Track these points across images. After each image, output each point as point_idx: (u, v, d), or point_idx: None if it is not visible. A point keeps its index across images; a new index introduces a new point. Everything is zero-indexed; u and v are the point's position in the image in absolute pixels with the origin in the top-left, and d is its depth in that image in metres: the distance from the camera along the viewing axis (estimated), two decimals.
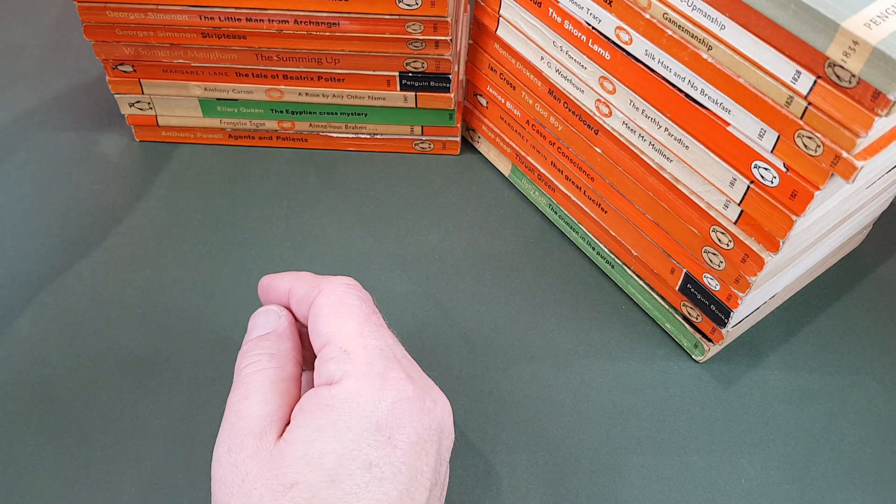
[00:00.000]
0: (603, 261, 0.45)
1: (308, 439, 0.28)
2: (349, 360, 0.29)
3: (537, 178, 0.46)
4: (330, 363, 0.29)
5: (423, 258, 0.45)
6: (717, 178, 0.35)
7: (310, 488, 0.27)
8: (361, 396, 0.28)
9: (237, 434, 0.28)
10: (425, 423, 0.29)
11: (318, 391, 0.29)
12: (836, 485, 0.38)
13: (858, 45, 0.27)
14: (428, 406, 0.29)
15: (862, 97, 0.28)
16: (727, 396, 0.40)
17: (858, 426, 0.40)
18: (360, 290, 0.32)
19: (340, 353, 0.29)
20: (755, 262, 0.35)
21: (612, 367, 0.41)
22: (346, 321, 0.30)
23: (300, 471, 0.27)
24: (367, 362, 0.29)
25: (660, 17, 0.33)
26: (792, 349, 0.42)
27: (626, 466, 0.38)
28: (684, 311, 0.41)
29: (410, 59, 0.44)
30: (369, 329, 0.30)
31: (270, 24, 0.43)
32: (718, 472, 0.38)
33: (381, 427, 0.28)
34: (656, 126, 0.37)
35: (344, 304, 0.31)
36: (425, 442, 0.29)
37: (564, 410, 0.40)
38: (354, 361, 0.29)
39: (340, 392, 0.28)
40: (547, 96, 0.42)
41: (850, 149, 0.29)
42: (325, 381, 0.29)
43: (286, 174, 0.49)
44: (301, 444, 0.28)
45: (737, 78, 0.32)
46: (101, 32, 0.44)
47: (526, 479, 0.37)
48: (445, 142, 0.50)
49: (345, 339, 0.30)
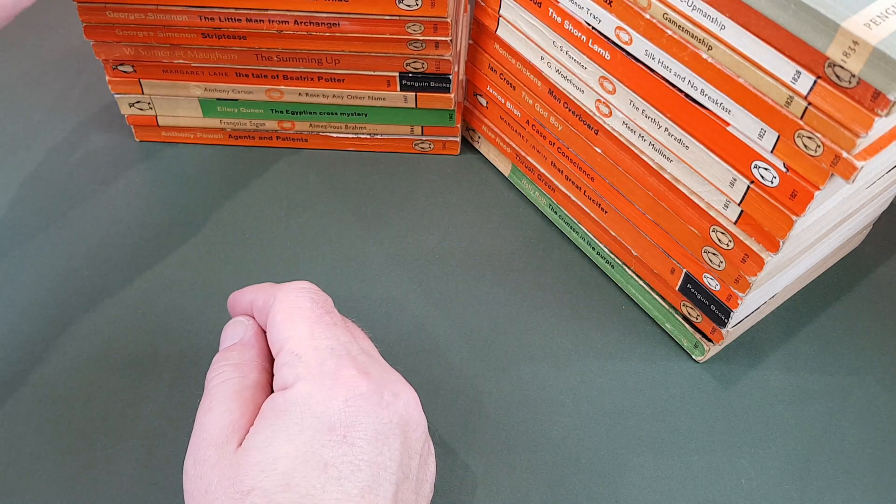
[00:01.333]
0: (603, 261, 0.45)
1: (262, 445, 0.28)
2: (301, 363, 0.29)
3: (537, 178, 0.46)
4: (284, 368, 0.29)
5: (423, 258, 0.45)
6: (717, 178, 0.35)
7: (265, 493, 0.27)
8: (312, 398, 0.28)
9: (201, 446, 0.29)
10: (384, 418, 0.29)
11: (274, 397, 0.29)
12: (836, 485, 0.38)
13: (858, 45, 0.27)
14: (387, 400, 0.29)
15: (862, 97, 0.28)
16: (727, 396, 0.40)
17: (858, 426, 0.40)
18: (314, 293, 0.32)
19: (293, 357, 0.30)
20: (755, 262, 0.36)
21: (612, 367, 0.41)
22: (298, 325, 0.30)
23: (255, 476, 0.27)
24: (318, 363, 0.29)
25: (660, 17, 0.33)
26: (792, 349, 0.42)
27: (626, 466, 0.38)
28: (684, 311, 0.41)
29: (410, 60, 0.44)
30: (320, 329, 0.30)
31: (270, 25, 0.43)
32: (718, 472, 0.38)
33: (333, 426, 0.28)
34: (656, 126, 0.37)
35: (295, 307, 0.31)
36: (386, 436, 0.29)
37: (564, 410, 0.40)
38: (306, 364, 0.29)
39: (293, 395, 0.29)
40: (547, 96, 0.42)
41: (850, 149, 0.29)
42: (281, 387, 0.29)
43: (286, 174, 0.49)
44: (256, 450, 0.28)
45: (737, 78, 0.32)
46: (101, 32, 0.44)
47: (526, 479, 0.37)
48: (445, 142, 0.50)
49: (296, 342, 0.30)
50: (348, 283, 0.44)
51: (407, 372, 0.32)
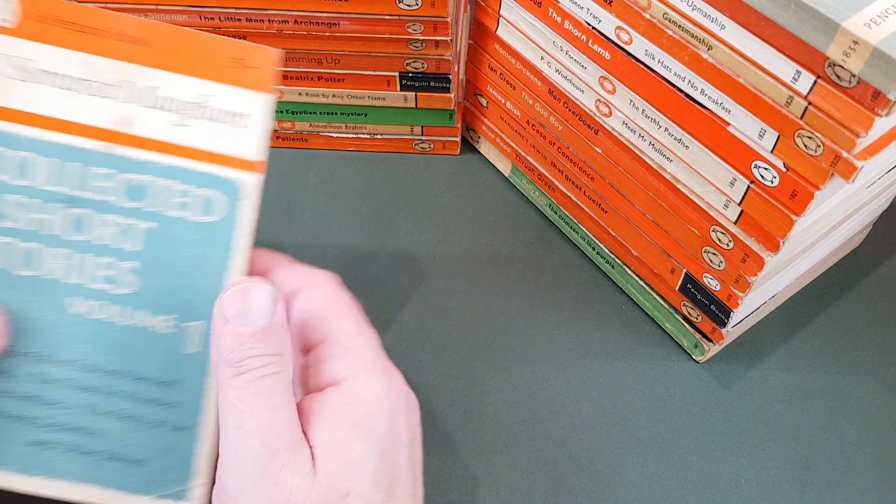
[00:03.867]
0: (603, 261, 0.45)
1: (344, 447, 0.27)
2: (353, 358, 0.29)
3: (537, 178, 0.46)
4: (332, 360, 0.29)
5: (423, 258, 0.45)
6: (717, 178, 0.35)
7: (361, 494, 0.26)
8: (373, 396, 0.28)
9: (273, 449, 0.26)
10: (417, 420, 0.30)
11: (330, 394, 0.28)
12: (836, 485, 0.38)
13: (858, 45, 0.27)
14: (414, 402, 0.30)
15: (862, 97, 0.28)
16: (727, 396, 0.40)
17: (858, 426, 0.40)
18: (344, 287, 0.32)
19: (342, 350, 0.29)
20: (755, 262, 0.36)
21: (612, 367, 0.41)
22: (342, 319, 0.30)
23: (349, 480, 0.26)
24: (371, 361, 0.29)
25: (660, 17, 0.33)
26: (792, 349, 0.42)
27: (626, 466, 0.38)
28: (684, 311, 0.41)
29: (410, 60, 0.44)
30: (363, 327, 0.30)
31: (270, 25, 0.43)
32: (718, 472, 0.38)
33: (394, 428, 0.28)
34: (656, 126, 0.37)
35: (338, 300, 0.30)
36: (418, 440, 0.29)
37: (564, 410, 0.40)
38: (359, 360, 0.29)
39: (354, 393, 0.28)
40: (547, 96, 0.42)
41: (850, 149, 0.29)
42: (328, 380, 0.29)
43: (286, 174, 0.49)
44: (340, 453, 0.27)
45: (737, 78, 0.32)
46: None
47: (526, 479, 0.37)
48: (445, 142, 0.50)
49: (343, 336, 0.29)
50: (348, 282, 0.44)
51: (407, 372, 0.32)
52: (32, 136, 0.30)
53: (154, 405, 0.31)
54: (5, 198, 0.30)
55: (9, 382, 0.31)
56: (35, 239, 0.30)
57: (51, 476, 0.31)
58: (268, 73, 0.30)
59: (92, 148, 0.30)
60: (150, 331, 0.31)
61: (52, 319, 0.30)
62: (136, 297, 0.30)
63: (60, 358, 0.31)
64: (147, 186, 0.30)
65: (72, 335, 0.31)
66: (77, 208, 0.30)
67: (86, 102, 0.30)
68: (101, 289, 0.30)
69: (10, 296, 0.30)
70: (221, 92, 0.30)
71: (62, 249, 0.30)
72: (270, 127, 0.31)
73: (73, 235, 0.30)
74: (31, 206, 0.30)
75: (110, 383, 0.31)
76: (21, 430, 0.31)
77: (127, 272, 0.30)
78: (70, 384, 0.31)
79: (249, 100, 0.30)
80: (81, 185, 0.30)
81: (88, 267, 0.30)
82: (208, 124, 0.30)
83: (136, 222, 0.30)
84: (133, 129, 0.30)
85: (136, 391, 0.31)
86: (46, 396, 0.31)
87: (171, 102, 0.30)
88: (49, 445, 0.31)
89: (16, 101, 0.29)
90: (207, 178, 0.30)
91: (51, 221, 0.30)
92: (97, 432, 0.31)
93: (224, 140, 0.30)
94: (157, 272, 0.30)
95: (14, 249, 0.30)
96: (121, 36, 0.29)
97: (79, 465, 0.31)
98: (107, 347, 0.31)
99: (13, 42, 0.29)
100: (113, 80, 0.30)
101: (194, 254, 0.30)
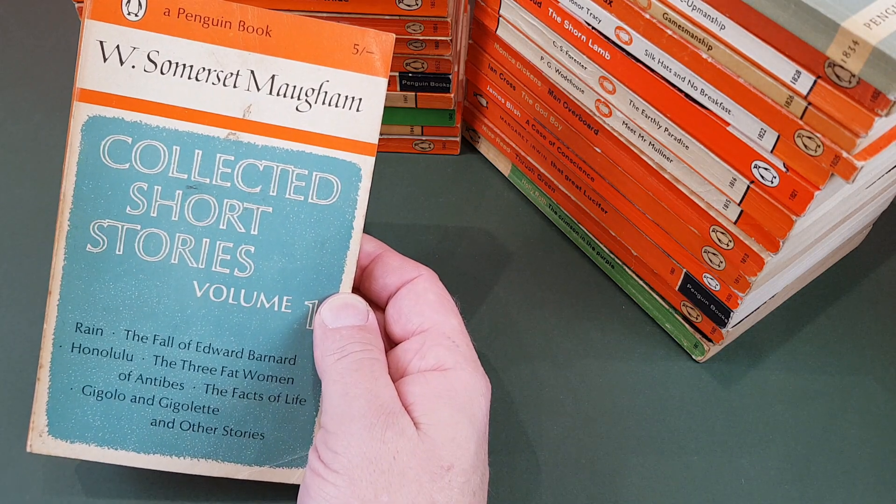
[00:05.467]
0: (603, 261, 0.45)
1: (450, 425, 0.29)
2: (459, 352, 0.31)
3: (537, 178, 0.46)
4: (439, 348, 0.31)
5: (423, 258, 0.45)
6: (717, 178, 0.35)
7: (464, 472, 0.28)
8: (476, 390, 0.30)
9: (378, 412, 0.28)
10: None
11: (434, 378, 0.30)
12: (836, 485, 0.38)
13: (858, 45, 0.27)
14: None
15: (862, 97, 0.28)
16: (727, 396, 0.40)
17: (858, 426, 0.40)
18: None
19: (449, 342, 0.31)
20: (755, 262, 0.36)
21: (612, 367, 0.41)
22: (450, 315, 0.32)
23: (454, 454, 0.28)
24: (472, 358, 0.31)
25: (660, 17, 0.33)
26: (792, 349, 0.42)
27: (626, 466, 0.38)
28: (684, 311, 0.41)
29: (410, 60, 0.44)
30: (463, 326, 0.32)
31: None
32: (718, 472, 0.38)
33: (486, 423, 0.31)
34: (656, 126, 0.37)
35: (446, 297, 0.33)
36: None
37: (564, 410, 0.40)
38: (464, 354, 0.31)
39: (459, 382, 0.30)
40: (547, 96, 0.42)
41: (850, 149, 0.29)
42: (433, 366, 0.30)
43: None
44: (446, 428, 0.29)
45: (737, 78, 0.32)
46: None
47: (526, 479, 0.37)
48: (445, 142, 0.50)
49: (451, 330, 0.31)
50: None
51: None
52: (158, 125, 0.31)
53: (271, 381, 0.33)
54: (131, 185, 0.31)
55: (131, 365, 0.32)
56: (158, 225, 0.32)
57: (171, 454, 0.33)
58: (384, 57, 0.31)
59: (215, 136, 0.31)
60: (269, 311, 0.32)
61: (174, 303, 0.32)
62: (255, 280, 0.32)
63: (182, 340, 0.32)
64: (267, 172, 0.32)
65: (193, 318, 0.32)
66: (199, 194, 0.32)
67: (210, 92, 0.31)
68: (221, 272, 0.32)
69: (134, 281, 0.32)
70: (339, 77, 0.31)
71: (184, 234, 0.32)
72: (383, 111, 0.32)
73: (195, 221, 0.32)
74: (155, 193, 0.31)
75: (229, 363, 0.33)
76: (143, 411, 0.33)
77: (246, 255, 0.32)
78: (190, 365, 0.32)
79: (366, 84, 0.31)
80: (203, 172, 0.31)
81: (209, 251, 0.32)
82: (327, 109, 0.31)
83: (255, 206, 0.32)
84: (254, 117, 0.31)
85: (255, 369, 0.33)
86: (168, 378, 0.32)
87: (292, 89, 0.31)
88: (170, 424, 0.33)
89: (142, 92, 0.31)
90: (326, 161, 0.32)
91: (174, 208, 0.32)
92: (216, 410, 0.33)
93: (342, 124, 0.32)
94: (275, 254, 0.32)
95: (139, 235, 0.32)
96: (244, 26, 0.31)
97: (199, 442, 0.33)
98: (226, 329, 0.32)
99: (140, 35, 0.30)
100: (236, 70, 0.31)
101: (312, 235, 0.32)
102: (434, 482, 0.27)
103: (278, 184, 0.32)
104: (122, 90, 0.31)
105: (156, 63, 0.31)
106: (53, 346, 0.32)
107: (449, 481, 0.28)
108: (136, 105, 0.31)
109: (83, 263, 0.32)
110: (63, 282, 0.32)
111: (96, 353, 0.32)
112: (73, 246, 0.31)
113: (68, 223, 0.31)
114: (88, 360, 0.32)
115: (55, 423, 0.33)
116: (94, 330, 0.32)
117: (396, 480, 0.27)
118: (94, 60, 0.30)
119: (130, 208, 0.31)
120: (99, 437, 0.33)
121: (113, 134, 0.31)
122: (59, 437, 0.33)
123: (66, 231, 0.31)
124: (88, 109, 0.31)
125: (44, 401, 0.32)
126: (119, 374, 0.32)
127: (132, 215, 0.31)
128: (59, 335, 0.32)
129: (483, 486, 0.30)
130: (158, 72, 0.31)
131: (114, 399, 0.32)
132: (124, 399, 0.32)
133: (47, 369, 0.32)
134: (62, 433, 0.33)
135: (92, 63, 0.30)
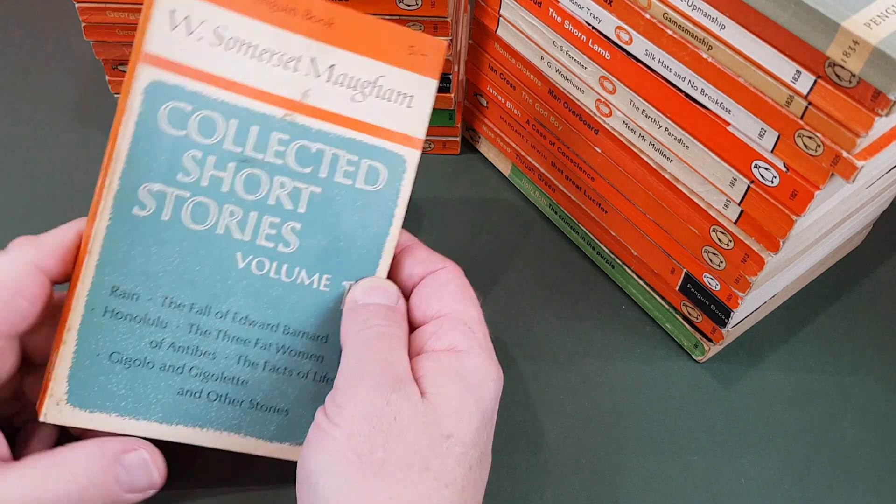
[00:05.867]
0: (603, 261, 0.45)
1: (455, 398, 0.29)
2: (475, 338, 0.32)
3: (537, 178, 0.46)
4: (455, 333, 0.31)
5: None
6: (718, 178, 0.35)
7: (462, 443, 0.29)
8: (487, 375, 0.31)
9: (387, 376, 0.29)
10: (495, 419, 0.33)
11: (446, 357, 0.31)
12: (836, 485, 0.38)
13: (858, 45, 0.27)
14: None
15: (862, 97, 0.28)
16: (727, 396, 0.40)
17: (858, 426, 0.40)
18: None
19: (466, 328, 0.32)
20: (755, 261, 0.36)
21: (612, 367, 0.41)
22: (470, 306, 0.33)
23: (455, 425, 0.29)
24: (488, 347, 0.32)
25: (660, 16, 0.33)
26: (792, 349, 0.42)
27: (626, 466, 0.38)
28: (684, 310, 0.41)
29: None
30: (482, 319, 0.33)
31: None
32: (718, 472, 0.38)
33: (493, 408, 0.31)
34: (656, 126, 0.37)
35: (468, 289, 0.34)
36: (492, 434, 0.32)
37: (564, 410, 0.40)
38: (479, 342, 0.32)
39: (470, 364, 0.31)
40: (547, 96, 0.42)
41: (850, 149, 0.29)
42: (446, 346, 0.31)
43: None
44: (451, 400, 0.29)
45: (737, 78, 0.32)
46: (101, 32, 0.44)
47: (526, 479, 0.37)
48: (445, 142, 0.50)
49: (470, 318, 0.32)
50: None
51: None
52: (218, 98, 0.31)
53: (303, 357, 0.33)
54: (185, 153, 0.32)
55: (165, 332, 0.32)
56: (208, 194, 0.32)
57: (194, 424, 0.33)
58: (436, 60, 0.33)
59: (272, 114, 0.32)
60: (307, 288, 0.33)
61: (215, 272, 0.32)
62: (298, 256, 0.33)
63: (219, 310, 0.33)
64: (319, 154, 0.33)
65: (233, 289, 0.33)
66: (251, 168, 0.32)
67: (272, 72, 0.32)
68: (265, 246, 0.33)
69: (177, 248, 0.32)
70: (393, 74, 0.33)
71: (233, 206, 0.32)
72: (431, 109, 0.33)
73: (245, 194, 0.32)
74: (208, 163, 0.32)
75: (264, 336, 0.33)
76: (171, 380, 0.33)
77: (291, 232, 0.33)
78: (225, 335, 0.33)
79: (418, 83, 0.33)
80: (258, 148, 0.32)
81: (256, 225, 0.32)
82: (379, 102, 0.33)
83: (304, 186, 0.33)
84: (311, 101, 0.32)
85: (287, 344, 0.33)
86: (201, 347, 0.33)
87: (349, 79, 0.32)
88: (197, 394, 0.33)
89: (205, 64, 0.31)
90: (375, 150, 0.33)
91: (225, 179, 0.32)
92: (245, 382, 0.33)
93: (392, 117, 0.33)
94: (319, 233, 0.33)
95: (187, 203, 0.32)
96: (309, 15, 0.32)
97: (223, 414, 0.33)
98: (264, 302, 0.33)
99: (211, 9, 0.31)
100: (298, 55, 0.32)
101: (356, 219, 0.33)
102: (431, 448, 0.28)
103: (329, 166, 0.33)
104: (187, 59, 0.31)
105: (222, 38, 0.31)
106: (85, 309, 0.31)
107: (447, 448, 0.28)
108: (198, 75, 0.31)
109: (128, 226, 0.31)
110: (105, 242, 0.31)
111: (129, 319, 0.32)
112: (120, 208, 0.31)
113: (118, 183, 0.31)
114: (119, 325, 0.32)
115: (76, 391, 0.32)
116: (131, 294, 0.32)
117: (394, 440, 0.28)
118: (163, 27, 0.30)
119: (182, 175, 0.31)
120: (122, 406, 0.32)
121: (173, 100, 0.31)
122: (79, 405, 0.32)
123: (115, 191, 0.31)
124: (152, 73, 0.31)
125: (66, 366, 0.31)
126: (150, 341, 0.32)
127: (183, 182, 0.32)
128: (93, 297, 0.31)
129: (482, 467, 0.30)
130: (224, 47, 0.31)
131: (142, 367, 0.32)
132: (153, 367, 0.32)
133: (75, 332, 0.31)
134: (82, 402, 0.32)
135: (160, 29, 0.30)
